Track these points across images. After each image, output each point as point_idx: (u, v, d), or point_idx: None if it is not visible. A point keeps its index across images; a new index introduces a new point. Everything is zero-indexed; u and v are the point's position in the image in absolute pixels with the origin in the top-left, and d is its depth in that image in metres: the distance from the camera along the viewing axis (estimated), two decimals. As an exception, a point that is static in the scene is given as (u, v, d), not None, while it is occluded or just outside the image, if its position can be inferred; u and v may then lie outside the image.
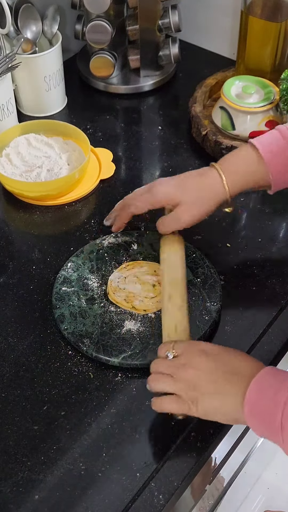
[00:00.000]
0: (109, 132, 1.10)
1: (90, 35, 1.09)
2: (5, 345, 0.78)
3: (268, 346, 0.78)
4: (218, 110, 1.03)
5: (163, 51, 1.17)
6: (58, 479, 0.66)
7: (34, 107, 1.13)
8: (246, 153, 0.78)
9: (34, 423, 0.70)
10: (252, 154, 0.77)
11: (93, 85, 1.19)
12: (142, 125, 1.13)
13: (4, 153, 1.01)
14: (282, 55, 1.09)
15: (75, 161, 1.00)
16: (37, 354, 0.77)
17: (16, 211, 0.97)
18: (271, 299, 0.83)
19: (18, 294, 0.84)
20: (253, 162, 0.77)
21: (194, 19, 1.24)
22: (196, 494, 0.85)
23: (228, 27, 1.21)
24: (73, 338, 0.77)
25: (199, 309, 0.79)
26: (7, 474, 0.67)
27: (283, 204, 0.96)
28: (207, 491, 0.91)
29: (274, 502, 1.37)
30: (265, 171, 0.77)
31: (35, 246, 0.91)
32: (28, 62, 1.05)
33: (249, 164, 0.77)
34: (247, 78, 1.04)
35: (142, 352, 0.75)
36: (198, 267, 0.84)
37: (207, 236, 0.90)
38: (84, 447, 0.69)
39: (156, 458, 0.67)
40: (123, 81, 1.18)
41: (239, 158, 0.79)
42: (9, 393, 0.73)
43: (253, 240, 0.90)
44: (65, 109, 1.16)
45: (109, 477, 0.66)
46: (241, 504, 1.32)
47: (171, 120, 1.13)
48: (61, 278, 0.83)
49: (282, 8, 1.05)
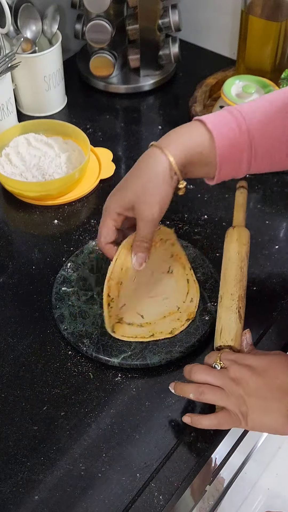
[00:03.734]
0: (109, 132, 1.10)
1: (90, 34, 1.09)
2: (5, 345, 0.78)
3: (268, 346, 0.78)
4: (218, 110, 1.02)
5: (163, 50, 1.16)
6: (58, 479, 0.66)
7: (33, 107, 1.13)
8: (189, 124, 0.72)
9: (34, 424, 0.70)
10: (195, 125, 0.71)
11: (93, 85, 1.19)
12: (142, 124, 1.13)
13: (3, 153, 1.01)
14: (282, 55, 1.09)
15: (75, 160, 0.99)
16: (37, 354, 0.77)
17: (16, 211, 0.97)
18: (271, 299, 0.83)
19: (18, 294, 0.84)
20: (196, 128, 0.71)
21: (194, 18, 1.24)
22: (196, 494, 0.85)
23: (228, 27, 1.21)
24: (73, 338, 0.76)
25: (199, 309, 0.79)
26: (7, 475, 0.66)
27: (283, 204, 0.96)
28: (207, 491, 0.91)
29: (274, 503, 1.37)
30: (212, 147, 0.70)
31: (35, 246, 0.91)
32: (28, 61, 1.05)
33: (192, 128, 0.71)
34: (247, 77, 1.04)
35: (142, 352, 0.75)
36: (198, 267, 0.84)
37: (207, 236, 0.90)
38: (84, 447, 0.68)
39: (156, 458, 0.67)
40: (123, 81, 1.18)
41: (181, 127, 0.72)
42: (9, 393, 0.73)
43: (253, 240, 0.90)
44: (65, 108, 1.16)
45: (109, 477, 0.66)
46: (241, 505, 1.32)
47: (171, 119, 1.13)
48: (61, 278, 0.83)
49: (282, 7, 1.05)
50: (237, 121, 0.70)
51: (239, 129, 0.70)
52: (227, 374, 0.65)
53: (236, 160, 0.71)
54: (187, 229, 0.92)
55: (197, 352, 0.76)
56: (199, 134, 0.70)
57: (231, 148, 0.70)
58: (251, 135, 0.70)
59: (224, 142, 0.70)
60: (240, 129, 0.70)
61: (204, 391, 0.65)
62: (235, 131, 0.70)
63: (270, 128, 0.71)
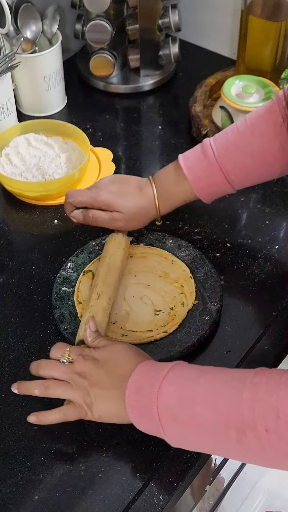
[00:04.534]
0: (109, 132, 1.10)
1: (90, 34, 1.09)
2: (5, 345, 0.78)
3: (268, 346, 0.78)
4: (218, 110, 1.02)
5: (163, 50, 1.16)
6: (58, 479, 0.66)
7: (33, 107, 1.13)
8: (175, 173, 0.82)
9: (34, 424, 0.70)
10: (180, 174, 0.81)
11: (93, 85, 1.19)
12: (142, 124, 1.13)
13: (3, 152, 1.01)
14: (282, 55, 1.09)
15: (75, 160, 0.99)
16: (37, 354, 0.77)
17: (16, 211, 0.97)
18: (271, 299, 0.83)
19: (18, 294, 0.84)
20: (180, 182, 0.81)
21: (194, 18, 1.24)
22: (196, 494, 0.85)
23: (228, 27, 1.21)
24: (73, 338, 0.76)
25: (199, 309, 0.79)
26: (6, 475, 0.66)
27: (283, 204, 0.96)
28: (207, 491, 0.91)
29: (274, 503, 1.37)
30: (191, 189, 0.81)
31: (35, 246, 0.91)
32: (28, 61, 1.05)
33: (178, 184, 0.81)
34: (247, 77, 1.04)
35: (142, 352, 0.75)
36: (198, 267, 0.84)
37: (207, 236, 0.90)
38: (84, 447, 0.68)
39: (156, 458, 0.67)
40: (123, 81, 1.18)
41: (169, 178, 0.82)
42: (9, 393, 0.73)
43: (253, 240, 0.90)
44: (65, 108, 1.16)
45: (109, 477, 0.66)
46: (241, 505, 1.32)
47: (171, 119, 1.13)
48: (61, 278, 0.83)
49: (282, 7, 1.05)
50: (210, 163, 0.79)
51: (213, 170, 0.79)
52: (73, 368, 0.67)
53: (217, 193, 0.82)
54: (187, 229, 0.92)
55: (197, 352, 0.76)
56: (183, 190, 0.81)
57: (210, 188, 0.81)
58: (225, 170, 0.78)
59: (202, 184, 0.80)
60: (213, 169, 0.79)
61: (49, 386, 0.68)
62: (210, 172, 0.79)
63: (239, 158, 0.78)
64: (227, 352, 0.77)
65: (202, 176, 0.80)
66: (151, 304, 0.80)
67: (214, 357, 0.76)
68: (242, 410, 0.56)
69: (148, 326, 0.78)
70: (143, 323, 0.78)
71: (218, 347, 0.77)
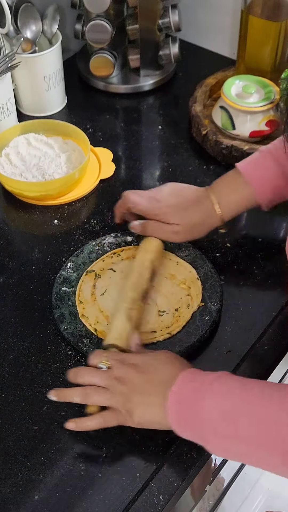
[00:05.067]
0: (109, 132, 1.10)
1: (90, 34, 1.09)
2: (5, 345, 0.78)
3: (268, 346, 0.78)
4: (218, 110, 1.02)
5: (163, 50, 1.16)
6: (58, 479, 0.66)
7: (33, 107, 1.13)
8: (235, 180, 0.82)
9: (34, 423, 0.70)
10: (240, 180, 0.81)
11: (93, 85, 1.19)
12: (142, 124, 1.13)
13: (3, 153, 1.01)
14: (282, 55, 1.09)
15: (75, 160, 0.99)
16: (37, 354, 0.77)
17: (16, 211, 0.97)
18: (271, 299, 0.83)
19: (18, 294, 0.84)
20: (242, 188, 0.82)
21: (194, 18, 1.24)
22: (196, 494, 0.85)
23: (228, 27, 1.21)
24: (73, 338, 0.76)
25: (199, 309, 0.79)
26: (7, 475, 0.66)
27: (283, 204, 0.95)
28: (207, 491, 0.91)
29: (274, 503, 1.37)
30: (254, 194, 0.81)
31: (35, 246, 0.91)
32: (27, 61, 1.05)
33: (239, 190, 0.82)
34: (247, 77, 1.04)
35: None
36: (198, 267, 0.84)
37: (207, 236, 0.90)
38: (84, 447, 0.68)
39: (156, 458, 0.67)
40: (123, 81, 1.18)
41: (230, 186, 0.83)
42: (9, 393, 0.73)
43: (253, 240, 0.90)
44: (65, 108, 1.16)
45: (109, 477, 0.66)
46: (241, 505, 1.32)
47: (171, 119, 1.13)
48: (61, 278, 0.83)
49: (282, 7, 1.05)
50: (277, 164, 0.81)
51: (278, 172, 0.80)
52: (112, 374, 0.67)
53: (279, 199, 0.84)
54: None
55: (197, 352, 0.76)
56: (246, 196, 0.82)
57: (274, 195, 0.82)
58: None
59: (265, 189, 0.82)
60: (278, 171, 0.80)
61: (89, 393, 0.67)
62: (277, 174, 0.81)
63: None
64: (227, 352, 0.77)
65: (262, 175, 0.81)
66: (155, 304, 0.80)
67: (214, 357, 0.76)
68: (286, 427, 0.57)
69: (151, 327, 0.78)
70: (147, 323, 0.78)
71: (218, 347, 0.77)
